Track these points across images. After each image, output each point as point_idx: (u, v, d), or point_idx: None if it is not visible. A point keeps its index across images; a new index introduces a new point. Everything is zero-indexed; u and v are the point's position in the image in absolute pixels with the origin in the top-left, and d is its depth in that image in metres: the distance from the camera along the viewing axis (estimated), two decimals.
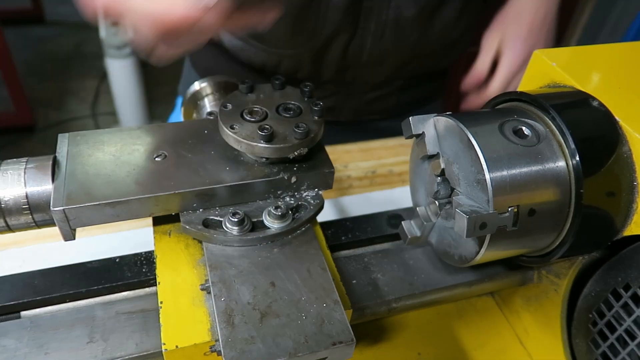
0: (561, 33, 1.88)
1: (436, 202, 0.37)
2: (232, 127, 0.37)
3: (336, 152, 0.79)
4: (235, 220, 0.36)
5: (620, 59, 0.40)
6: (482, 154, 0.32)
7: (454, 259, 0.37)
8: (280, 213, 0.37)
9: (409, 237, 0.39)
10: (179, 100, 0.96)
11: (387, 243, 0.45)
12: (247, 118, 0.38)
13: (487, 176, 0.31)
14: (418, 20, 0.68)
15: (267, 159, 0.38)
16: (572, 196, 0.32)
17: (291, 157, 0.37)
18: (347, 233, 0.45)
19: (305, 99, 0.40)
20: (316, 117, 0.38)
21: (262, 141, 0.36)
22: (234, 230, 0.36)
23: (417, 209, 0.39)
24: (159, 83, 2.47)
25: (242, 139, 0.36)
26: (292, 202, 0.39)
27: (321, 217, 0.44)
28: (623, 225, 0.34)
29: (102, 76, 2.54)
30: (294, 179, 0.38)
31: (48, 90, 2.65)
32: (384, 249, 0.44)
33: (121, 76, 2.17)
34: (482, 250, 0.33)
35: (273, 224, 0.37)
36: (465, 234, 0.31)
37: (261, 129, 0.36)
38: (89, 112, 2.54)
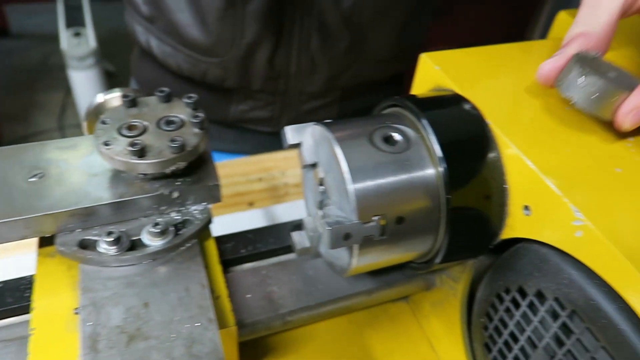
0: (523, 27, 1.89)
1: (319, 212, 0.37)
2: (105, 144, 0.36)
3: (275, 160, 0.78)
4: (110, 239, 0.35)
5: (506, 60, 0.40)
6: (346, 163, 0.31)
7: (336, 269, 0.36)
8: (159, 230, 0.36)
9: (298, 248, 0.38)
10: None
11: (291, 254, 0.44)
12: (124, 133, 0.37)
13: (350, 186, 0.31)
14: (345, 28, 0.68)
15: (144, 175, 0.37)
16: (442, 202, 0.32)
17: (168, 172, 0.36)
18: (248, 245, 0.44)
19: (190, 111, 0.39)
20: (196, 130, 0.37)
21: (134, 157, 0.35)
22: (110, 250, 0.35)
23: (304, 219, 0.38)
24: None
25: (114, 156, 0.35)
26: (177, 217, 0.38)
27: (245, 228, 0.44)
28: (500, 229, 0.34)
29: (69, 88, 2.51)
30: (176, 194, 0.37)
31: (14, 104, 2.61)
32: (284, 260, 0.43)
33: (85, 88, 2.14)
34: (353, 260, 0.32)
35: (152, 242, 0.36)
36: (329, 245, 0.30)
37: (132, 144, 0.35)
38: (56, 125, 2.50)
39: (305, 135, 0.36)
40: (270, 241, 0.44)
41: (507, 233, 0.33)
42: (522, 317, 0.33)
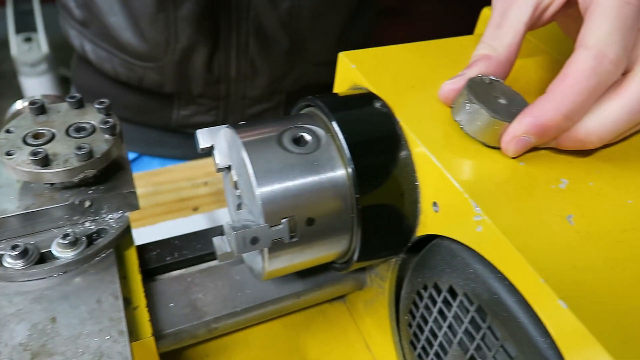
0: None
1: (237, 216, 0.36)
2: (8, 154, 0.34)
3: None
4: (15, 253, 0.33)
5: (424, 58, 0.40)
6: (251, 166, 0.30)
7: (254, 274, 0.35)
8: (69, 241, 0.34)
9: (219, 253, 0.38)
10: None
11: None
12: (29, 142, 0.35)
13: (256, 189, 0.30)
14: (283, 32, 0.67)
15: (52, 184, 0.35)
16: (353, 202, 0.32)
17: (76, 181, 0.35)
18: (174, 252, 0.43)
19: (101, 116, 0.38)
20: (107, 136, 0.36)
21: (37, 166, 0.33)
22: (17, 264, 0.34)
23: (225, 224, 0.38)
24: None
25: (16, 166, 0.34)
26: (91, 227, 0.37)
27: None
28: (415, 226, 0.34)
29: (22, 96, 2.43)
30: (87, 203, 0.36)
31: None
32: (211, 266, 0.42)
33: (39, 93, 2.08)
34: (265, 264, 0.32)
35: (63, 254, 0.35)
36: (235, 250, 0.30)
37: (35, 153, 0.33)
38: None
39: (218, 138, 0.35)
40: (197, 247, 0.43)
41: (421, 230, 0.33)
42: (438, 314, 0.33)
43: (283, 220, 0.30)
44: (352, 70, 0.37)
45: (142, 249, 0.42)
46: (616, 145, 0.33)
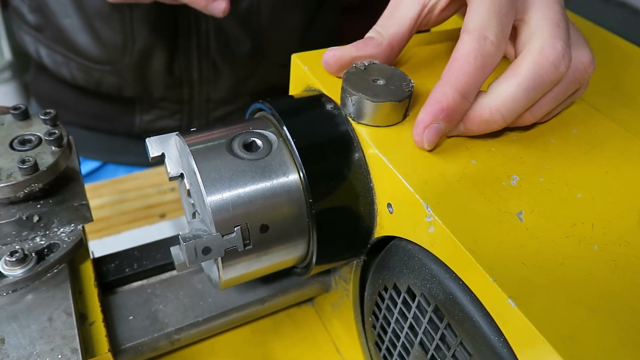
0: None
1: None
2: None
3: None
4: None
5: None
6: (200, 174, 0.30)
7: (212, 283, 0.35)
8: (16, 258, 0.33)
9: (177, 263, 0.37)
10: None
11: None
12: None
13: (206, 198, 0.29)
14: (244, 32, 0.66)
15: None
16: (307, 206, 0.31)
17: (22, 196, 0.34)
18: (134, 264, 0.42)
19: (47, 128, 0.36)
20: (54, 148, 0.35)
21: None
22: None
23: (180, 233, 0.37)
24: None
25: None
26: (42, 242, 0.36)
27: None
28: (373, 227, 0.34)
29: None
30: (36, 218, 0.35)
31: None
32: (172, 276, 0.41)
33: (3, 102, 2.02)
34: (220, 273, 0.31)
35: (11, 272, 0.33)
36: (187, 261, 0.29)
37: None
38: None
39: (169, 146, 0.34)
40: (157, 257, 0.42)
41: (378, 231, 0.33)
42: (399, 315, 0.33)
43: (235, 229, 0.30)
44: (305, 72, 0.37)
45: (100, 262, 0.41)
46: (567, 140, 0.33)
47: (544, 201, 0.28)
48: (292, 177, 0.31)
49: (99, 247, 0.62)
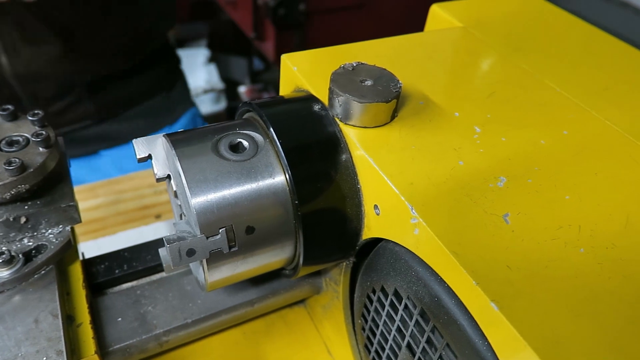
0: None
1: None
2: None
3: None
4: None
5: (367, 57, 0.39)
6: (185, 175, 0.29)
7: (199, 285, 0.34)
8: (3, 260, 0.33)
9: (165, 264, 0.37)
10: None
11: None
12: None
13: (190, 199, 0.29)
14: (48, 28, 0.65)
15: None
16: (293, 207, 0.31)
17: (8, 197, 0.33)
18: (123, 265, 0.41)
19: (35, 128, 0.36)
20: (41, 149, 0.35)
21: None
22: None
23: (169, 234, 0.37)
24: None
25: None
26: (30, 243, 0.35)
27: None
28: (360, 229, 0.33)
29: None
30: (23, 219, 0.35)
31: None
32: (162, 277, 0.41)
33: None
34: (206, 275, 0.31)
35: None
36: (171, 263, 0.29)
37: None
38: None
39: (157, 147, 0.34)
40: (147, 258, 0.42)
41: (366, 233, 0.33)
42: (387, 317, 0.33)
43: (220, 230, 0.29)
44: (294, 73, 0.37)
45: (90, 263, 0.41)
46: (557, 141, 0.32)
47: (531, 203, 0.28)
48: (278, 178, 0.31)
49: (93, 248, 0.62)
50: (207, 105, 2.04)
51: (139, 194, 0.73)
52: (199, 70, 2.17)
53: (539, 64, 0.40)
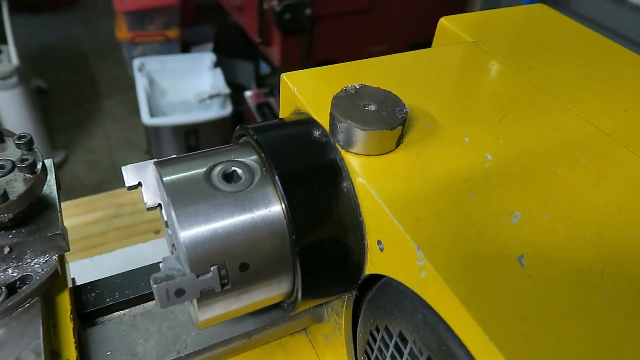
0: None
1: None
2: None
3: None
4: None
5: (371, 77, 0.37)
6: (174, 208, 0.27)
7: (192, 321, 0.32)
8: None
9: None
10: None
11: None
12: None
13: (179, 234, 0.27)
14: None
15: None
16: (290, 241, 0.29)
17: None
18: (115, 293, 0.40)
19: (20, 153, 0.35)
20: (27, 175, 0.33)
21: None
22: None
23: (152, 275, 0.35)
24: (59, 111, 2.33)
25: None
26: (14, 274, 0.34)
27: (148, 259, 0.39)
28: (364, 263, 0.31)
29: None
30: (7, 249, 0.33)
31: None
32: (155, 306, 0.39)
33: (11, 109, 2.02)
34: (197, 314, 0.29)
35: None
36: (159, 305, 0.27)
37: None
38: None
39: (147, 174, 0.32)
40: (140, 286, 0.40)
41: (369, 268, 0.31)
42: (391, 359, 0.30)
43: (212, 268, 0.27)
44: (294, 94, 0.35)
45: (80, 291, 0.39)
46: (575, 170, 0.30)
47: (549, 243, 0.26)
48: (275, 210, 0.29)
49: (89, 266, 0.61)
50: (212, 110, 2.03)
51: (139, 208, 0.71)
52: (204, 75, 2.16)
53: (554, 83, 0.38)
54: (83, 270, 0.61)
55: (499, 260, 0.24)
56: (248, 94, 2.08)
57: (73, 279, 0.42)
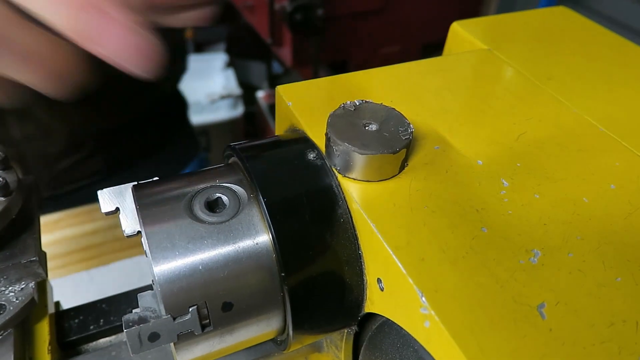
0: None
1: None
2: None
3: None
4: None
5: (376, 91, 0.34)
6: (149, 241, 0.25)
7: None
8: None
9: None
10: None
11: None
12: None
13: (154, 271, 0.24)
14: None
15: None
16: (279, 277, 0.26)
17: None
18: (99, 319, 0.37)
19: None
20: (0, 197, 0.31)
21: None
22: None
23: (124, 316, 0.32)
24: None
25: None
26: None
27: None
28: (363, 300, 0.28)
29: None
30: None
31: None
32: None
33: None
34: (175, 357, 0.26)
35: None
36: (130, 351, 0.24)
37: None
38: None
39: (126, 199, 0.29)
40: (127, 311, 0.37)
41: (368, 306, 0.28)
42: None
43: (191, 310, 0.24)
44: (289, 109, 0.32)
45: (62, 317, 0.37)
46: (603, 199, 0.27)
47: (573, 288, 0.22)
48: (262, 242, 0.26)
49: (85, 279, 0.59)
50: (224, 112, 2.01)
51: None
52: (216, 76, 2.14)
53: (578, 96, 0.34)
54: (79, 284, 0.59)
55: (516, 310, 0.21)
56: (260, 94, 2.06)
57: (57, 303, 0.39)
